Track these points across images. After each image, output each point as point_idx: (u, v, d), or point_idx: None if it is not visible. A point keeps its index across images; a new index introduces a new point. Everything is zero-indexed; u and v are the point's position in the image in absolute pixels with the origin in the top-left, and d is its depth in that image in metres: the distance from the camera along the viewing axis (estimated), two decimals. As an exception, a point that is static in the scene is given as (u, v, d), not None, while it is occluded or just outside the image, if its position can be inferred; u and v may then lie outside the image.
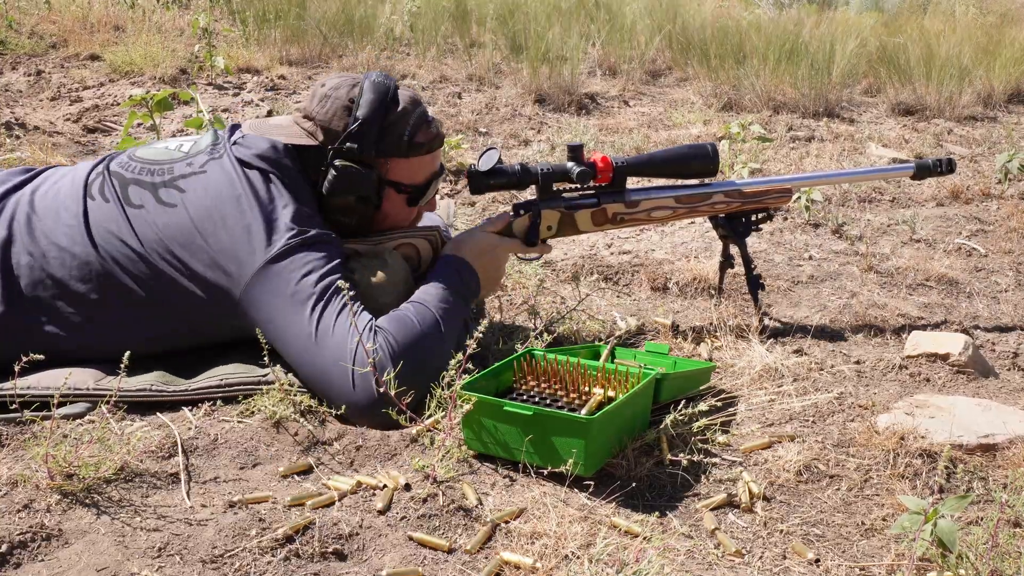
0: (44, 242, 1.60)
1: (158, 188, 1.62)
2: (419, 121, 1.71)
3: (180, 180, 1.62)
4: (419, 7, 5.99)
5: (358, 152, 1.65)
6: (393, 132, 1.68)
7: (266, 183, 1.60)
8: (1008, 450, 1.48)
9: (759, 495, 1.36)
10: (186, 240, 1.57)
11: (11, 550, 1.15)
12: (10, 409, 1.44)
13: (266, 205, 1.58)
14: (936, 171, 2.07)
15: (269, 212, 1.57)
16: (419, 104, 1.73)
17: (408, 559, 1.17)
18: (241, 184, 1.59)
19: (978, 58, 5.01)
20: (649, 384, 1.47)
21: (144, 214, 1.59)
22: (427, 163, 1.75)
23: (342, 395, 1.49)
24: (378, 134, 1.67)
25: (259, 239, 1.55)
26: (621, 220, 1.90)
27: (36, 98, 4.13)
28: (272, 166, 1.63)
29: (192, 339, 1.66)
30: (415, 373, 1.50)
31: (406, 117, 1.69)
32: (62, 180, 1.69)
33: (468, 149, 3.59)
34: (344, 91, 1.68)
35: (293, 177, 1.64)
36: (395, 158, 1.70)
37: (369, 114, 1.65)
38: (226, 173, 1.61)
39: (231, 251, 1.56)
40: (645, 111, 4.59)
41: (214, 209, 1.57)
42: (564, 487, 1.34)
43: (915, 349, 1.88)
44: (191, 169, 1.63)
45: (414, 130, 1.70)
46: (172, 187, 1.61)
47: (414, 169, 1.73)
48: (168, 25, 5.48)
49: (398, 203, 1.75)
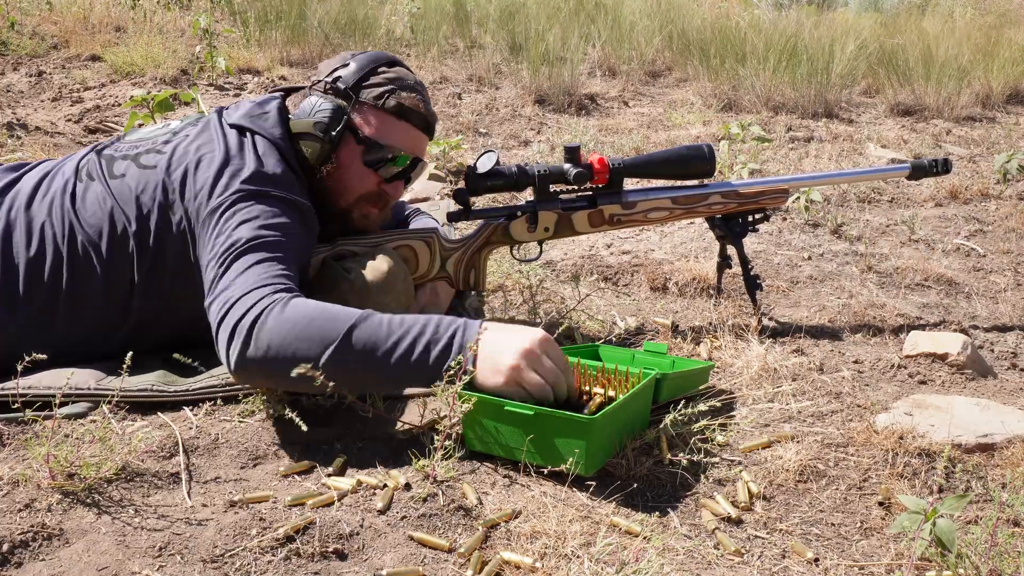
0: (40, 233, 1.62)
1: (139, 156, 1.68)
2: (402, 86, 1.73)
3: (162, 145, 1.68)
4: (420, 8, 6.00)
5: (333, 85, 1.71)
6: (371, 81, 1.72)
7: (240, 140, 1.65)
8: (1007, 449, 1.49)
9: (758, 495, 1.37)
10: (163, 201, 1.61)
11: (12, 549, 1.15)
12: (12, 408, 1.44)
13: (234, 157, 1.62)
14: (932, 171, 2.07)
15: (234, 162, 1.61)
16: (415, 82, 1.76)
17: (408, 559, 1.18)
18: (217, 139, 1.65)
19: (977, 59, 5.02)
20: (649, 384, 1.48)
21: (124, 181, 1.64)
22: (396, 128, 1.73)
23: (221, 346, 1.42)
24: (358, 79, 1.72)
25: (220, 186, 1.58)
26: (618, 221, 1.91)
27: (37, 99, 4.14)
28: (252, 123, 1.68)
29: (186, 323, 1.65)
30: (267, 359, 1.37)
31: (390, 78, 1.73)
32: (55, 170, 1.72)
33: (468, 150, 3.59)
34: (348, 54, 1.77)
35: (270, 133, 1.67)
36: (366, 106, 1.72)
37: (358, 62, 1.73)
38: (207, 130, 1.68)
39: (196, 198, 1.59)
40: (645, 112, 4.59)
41: (190, 163, 1.62)
42: (564, 487, 1.35)
43: (914, 349, 1.88)
44: (175, 137, 1.70)
45: (393, 89, 1.72)
46: (153, 152, 1.67)
47: (380, 125, 1.72)
48: (169, 26, 5.49)
49: (354, 156, 1.72)
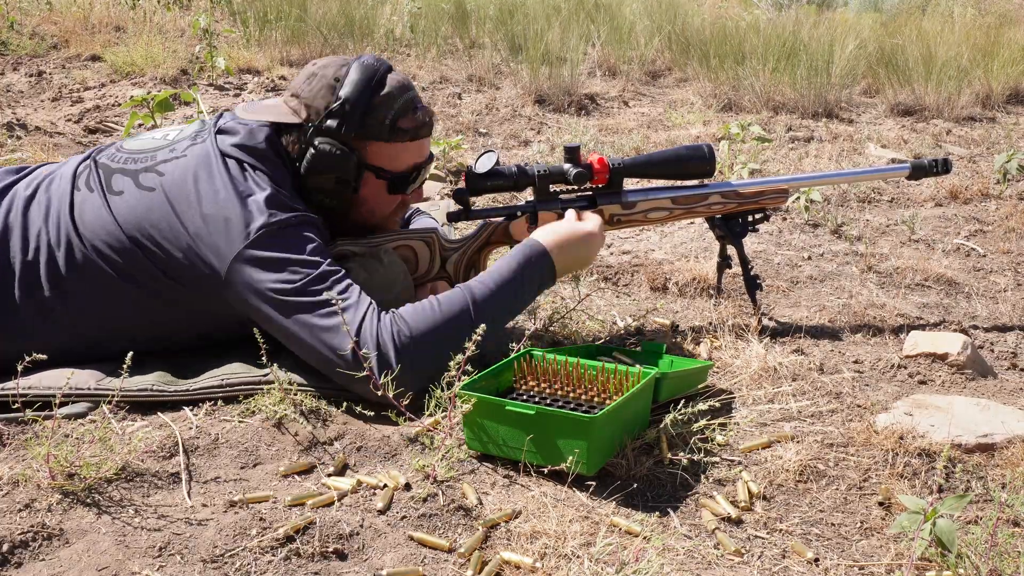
0: (36, 239, 1.60)
1: (139, 174, 1.62)
2: (405, 106, 1.67)
3: (161, 164, 1.62)
4: (419, 8, 6.00)
5: (337, 131, 1.64)
6: (375, 115, 1.65)
7: (242, 171, 1.59)
8: (1006, 449, 1.49)
9: (758, 495, 1.37)
10: (165, 226, 1.56)
11: (12, 549, 1.15)
12: (12, 409, 1.44)
13: (243, 193, 1.56)
14: (932, 171, 2.07)
15: (245, 200, 1.56)
16: (408, 90, 1.69)
17: (408, 559, 1.18)
18: (219, 171, 1.58)
19: (976, 59, 5.02)
20: (649, 384, 1.48)
21: (124, 199, 1.60)
22: (411, 150, 1.71)
23: (328, 366, 1.53)
24: (360, 115, 1.64)
25: (236, 224, 1.54)
26: (618, 221, 1.91)
27: (37, 99, 4.14)
28: (249, 154, 1.62)
29: (193, 331, 1.66)
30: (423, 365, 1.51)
31: (391, 101, 1.66)
32: (53, 175, 1.70)
33: (468, 150, 3.59)
34: (331, 70, 1.66)
35: (270, 161, 1.63)
36: (376, 141, 1.67)
37: (352, 94, 1.63)
38: (205, 158, 1.60)
39: (207, 237, 1.55)
40: (645, 112, 4.59)
41: (192, 193, 1.57)
42: (564, 486, 1.35)
43: (914, 349, 1.88)
44: (173, 155, 1.63)
45: (398, 115, 1.67)
46: (152, 172, 1.61)
47: (396, 155, 1.69)
48: (169, 26, 5.48)
49: (378, 189, 1.71)
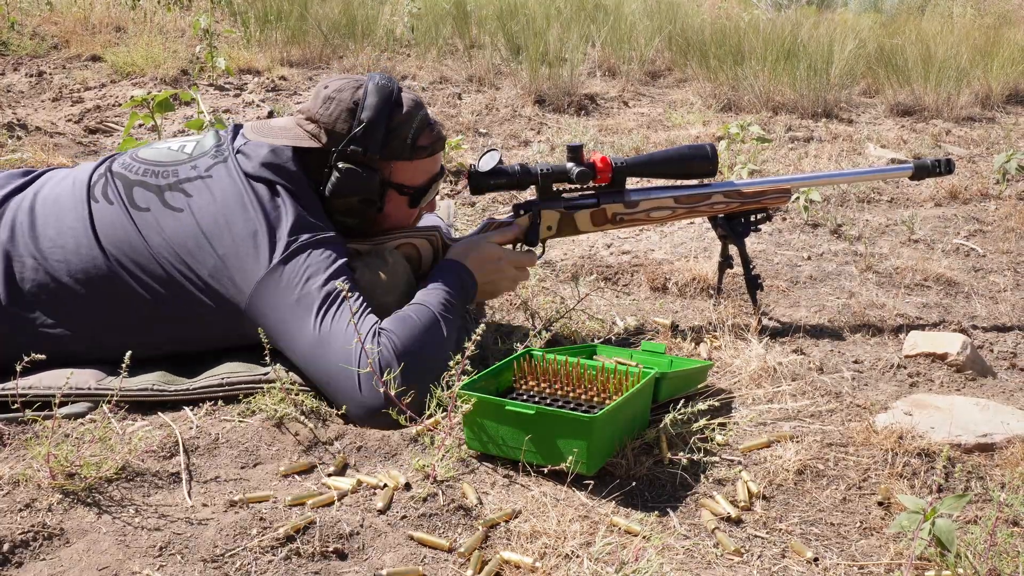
0: (47, 245, 1.60)
1: (163, 191, 1.63)
2: (422, 124, 1.73)
3: (186, 183, 1.63)
4: (420, 8, 6.00)
5: (362, 155, 1.67)
6: (397, 135, 1.70)
7: (272, 194, 1.62)
8: (1006, 449, 1.49)
9: (758, 494, 1.37)
10: (194, 247, 1.58)
11: (13, 549, 1.16)
12: (12, 409, 1.44)
13: (271, 214, 1.59)
14: (935, 171, 2.07)
15: (273, 221, 1.59)
16: (422, 107, 1.75)
17: (408, 558, 1.18)
18: (247, 194, 1.60)
19: (976, 59, 5.02)
20: (649, 383, 1.48)
21: (150, 217, 1.60)
22: (429, 165, 1.77)
23: (349, 398, 1.50)
24: (383, 137, 1.68)
25: (263, 247, 1.57)
26: (620, 220, 1.91)
27: (38, 99, 4.14)
28: (276, 174, 1.64)
29: (200, 344, 1.67)
30: (417, 372, 1.51)
31: (410, 120, 1.71)
32: (63, 182, 1.69)
33: (468, 150, 3.59)
34: (348, 93, 1.69)
35: (297, 182, 1.65)
36: (398, 161, 1.72)
37: (374, 117, 1.67)
38: (232, 181, 1.62)
39: (236, 259, 1.57)
40: (644, 112, 4.59)
41: (220, 216, 1.59)
42: (564, 486, 1.35)
43: (913, 349, 1.88)
44: (196, 173, 1.64)
45: (417, 133, 1.72)
46: (178, 190, 1.62)
47: (416, 171, 1.75)
48: (169, 26, 5.48)
49: (400, 204, 1.77)
